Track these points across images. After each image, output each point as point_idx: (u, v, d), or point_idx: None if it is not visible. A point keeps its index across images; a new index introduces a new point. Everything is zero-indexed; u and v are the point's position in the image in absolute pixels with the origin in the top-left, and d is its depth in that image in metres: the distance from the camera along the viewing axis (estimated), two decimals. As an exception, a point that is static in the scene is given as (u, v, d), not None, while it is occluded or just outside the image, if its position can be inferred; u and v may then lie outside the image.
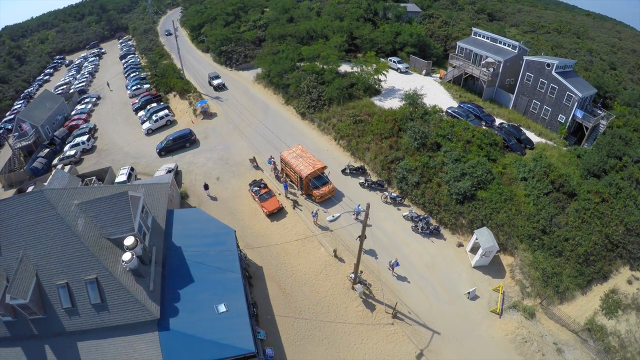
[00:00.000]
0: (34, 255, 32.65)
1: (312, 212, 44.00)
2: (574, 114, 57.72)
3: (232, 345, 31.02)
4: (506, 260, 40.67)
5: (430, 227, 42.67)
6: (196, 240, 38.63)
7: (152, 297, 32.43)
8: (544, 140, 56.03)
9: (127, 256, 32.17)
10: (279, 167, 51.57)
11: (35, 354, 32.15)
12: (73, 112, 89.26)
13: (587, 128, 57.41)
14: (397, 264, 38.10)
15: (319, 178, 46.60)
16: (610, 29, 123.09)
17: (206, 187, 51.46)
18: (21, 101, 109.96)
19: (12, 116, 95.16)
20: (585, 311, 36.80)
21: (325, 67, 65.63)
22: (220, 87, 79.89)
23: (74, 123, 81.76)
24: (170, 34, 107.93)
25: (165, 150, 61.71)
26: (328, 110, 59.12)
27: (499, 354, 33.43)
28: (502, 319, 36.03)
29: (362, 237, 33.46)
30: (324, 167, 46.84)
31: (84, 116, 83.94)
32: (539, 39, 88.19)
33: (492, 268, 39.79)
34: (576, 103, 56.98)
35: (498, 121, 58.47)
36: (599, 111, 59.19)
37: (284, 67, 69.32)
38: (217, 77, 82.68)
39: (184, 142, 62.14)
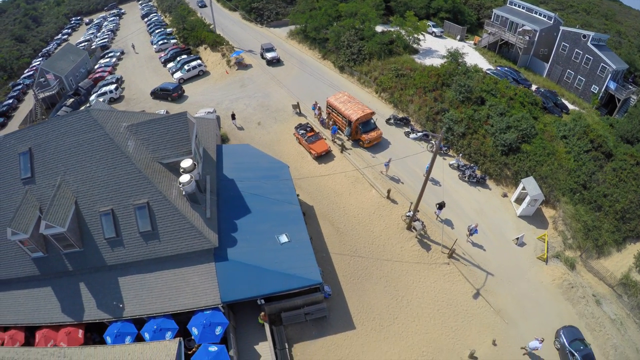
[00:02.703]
0: (74, 181, 29.95)
1: (385, 162, 41.61)
2: (607, 85, 56.94)
3: (299, 276, 29.04)
4: (548, 212, 40.12)
5: (477, 177, 41.95)
6: (249, 173, 36.64)
7: (210, 225, 30.15)
8: (577, 109, 55.23)
9: (185, 178, 29.66)
10: (324, 113, 50.17)
11: (68, 293, 29.74)
12: (96, 66, 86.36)
13: (619, 100, 56.60)
14: (476, 231, 35.70)
15: (367, 123, 45.27)
16: (637, 16, 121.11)
17: (233, 117, 51.09)
18: (39, 59, 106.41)
19: (30, 72, 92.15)
20: (620, 267, 36.23)
21: (364, 24, 63.74)
22: (274, 63, 67.67)
23: (98, 75, 78.93)
24: (205, 6, 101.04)
25: (154, 95, 63.98)
26: (369, 64, 57.53)
27: (548, 297, 33.04)
28: (548, 265, 35.51)
29: (428, 172, 32.50)
30: (373, 113, 45.46)
31: (108, 69, 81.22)
32: (567, 17, 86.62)
33: (536, 219, 39.20)
34: (610, 75, 56.19)
35: (533, 87, 57.54)
36: (629, 86, 58.49)
37: (322, 23, 67.29)
38: (271, 49, 68.94)
39: (169, 94, 62.22)
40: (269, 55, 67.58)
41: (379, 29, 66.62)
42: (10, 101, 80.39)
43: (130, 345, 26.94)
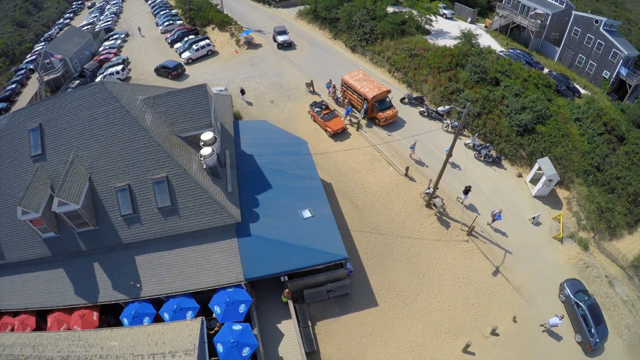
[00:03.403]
0: (88, 156, 28.36)
1: (411, 145, 40.23)
2: (618, 71, 56.14)
3: (325, 251, 27.89)
4: (562, 193, 39.43)
5: (492, 157, 41.12)
6: (267, 149, 35.34)
7: (231, 200, 28.72)
8: (588, 93, 54.25)
9: (206, 150, 28.16)
10: (339, 91, 48.94)
11: (81, 274, 28.30)
12: (101, 49, 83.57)
13: (630, 86, 55.82)
14: (500, 217, 34.36)
15: (383, 102, 44.13)
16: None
17: (242, 92, 50.06)
18: (42, 43, 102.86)
19: (33, 57, 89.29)
20: (631, 249, 35.87)
21: (375, 3, 62.21)
22: (285, 46, 64.09)
23: (103, 57, 76.40)
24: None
25: (157, 72, 63.49)
26: (381, 44, 56.12)
27: (564, 276, 32.41)
28: (563, 245, 34.97)
29: (450, 151, 31.60)
30: (388, 91, 44.25)
31: (114, 51, 78.77)
32: (577, 3, 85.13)
33: (550, 199, 38.56)
34: (621, 60, 55.47)
35: (545, 70, 56.47)
36: (640, 72, 57.78)
37: (332, 2, 65.70)
38: (284, 32, 64.93)
39: (169, 72, 61.49)
40: (280, 38, 63.97)
41: (390, 9, 64.98)
42: (14, 86, 78.14)
43: (149, 326, 25.74)
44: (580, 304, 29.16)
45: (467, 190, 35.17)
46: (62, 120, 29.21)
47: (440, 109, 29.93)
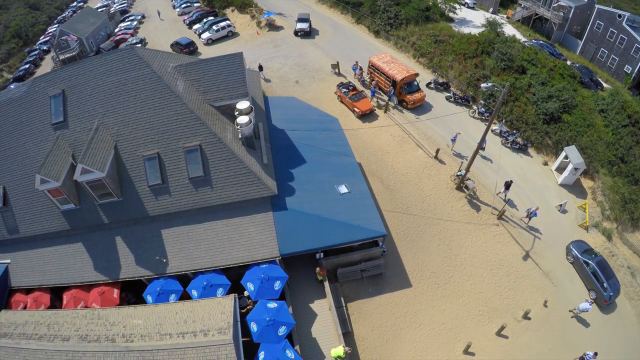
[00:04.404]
0: (114, 123, 26.12)
1: (452, 137, 37.83)
2: (640, 66, 54.12)
3: (363, 227, 25.96)
4: (586, 183, 37.86)
5: (519, 144, 39.43)
6: (299, 124, 33.41)
7: (267, 171, 26.53)
8: (610, 87, 52.43)
9: (243, 119, 26.14)
10: (365, 73, 47.03)
11: (102, 249, 26.08)
12: (117, 30, 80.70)
13: (651, 81, 54.10)
14: (536, 214, 32.06)
15: (411, 84, 42.26)
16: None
17: (261, 68, 47.91)
18: (55, 26, 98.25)
19: (46, 39, 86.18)
20: None
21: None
22: (301, 34, 59.52)
23: (120, 37, 73.42)
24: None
25: (172, 48, 62.19)
26: (405, 29, 53.98)
27: (592, 263, 30.89)
28: (589, 234, 33.49)
29: (481, 141, 30.12)
30: (416, 74, 42.44)
31: (130, 31, 75.80)
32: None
33: (575, 188, 36.99)
34: (644, 56, 53.38)
35: (568, 62, 54.48)
36: (662, 68, 55.93)
37: (356, -13, 63.02)
38: (304, 19, 59.80)
39: (181, 49, 60.26)
40: (297, 25, 59.48)
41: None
42: (27, 66, 74.89)
43: (177, 304, 23.61)
44: (589, 261, 29.22)
45: (508, 185, 33.44)
46: (87, 86, 26.94)
47: (483, 85, 28.20)
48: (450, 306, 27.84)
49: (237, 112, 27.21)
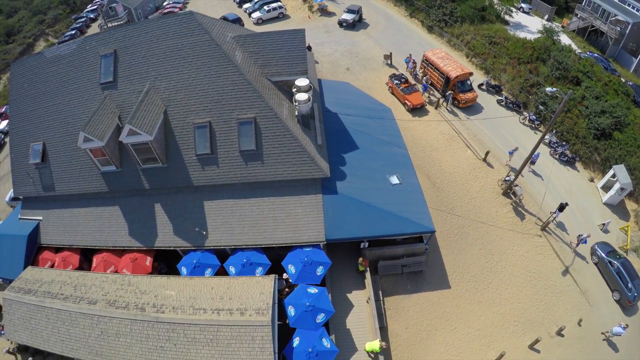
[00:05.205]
0: (166, 88, 24.70)
1: (510, 150, 35.03)
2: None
3: (412, 221, 24.19)
4: (631, 205, 35.18)
5: (568, 156, 37.08)
6: (352, 110, 31.59)
7: (320, 153, 24.83)
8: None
9: (302, 96, 24.46)
10: (418, 67, 44.83)
11: (139, 215, 24.86)
12: (165, 3, 78.84)
13: None
14: (585, 242, 29.95)
15: (464, 83, 40.00)
16: None
17: (309, 48, 45.50)
18: None
19: (94, 7, 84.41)
20: None
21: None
22: (345, 25, 56.09)
23: (168, 11, 71.50)
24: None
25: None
26: (460, 27, 51.34)
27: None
28: (628, 257, 30.90)
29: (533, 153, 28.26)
30: (471, 73, 40.12)
31: (179, 5, 73.80)
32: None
33: (619, 209, 34.42)
34: (700, 81, 49.56)
35: (622, 79, 51.15)
36: None
37: (412, -21, 60.08)
38: (352, 11, 56.26)
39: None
40: (343, 15, 56.21)
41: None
42: (73, 32, 73.31)
43: (213, 278, 22.54)
44: (614, 261, 28.39)
45: (562, 207, 30.92)
46: (140, 47, 25.63)
47: (548, 89, 26.22)
48: (486, 312, 26.34)
49: (294, 89, 25.67)
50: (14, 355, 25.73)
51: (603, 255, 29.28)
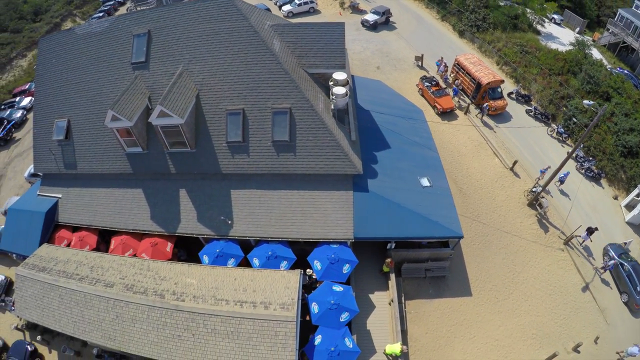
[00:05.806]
0: (199, 72, 23.64)
1: (542, 169, 32.93)
2: None
3: (441, 225, 23.24)
4: None
5: (594, 172, 35.83)
6: (384, 108, 30.51)
7: (354, 149, 23.82)
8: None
9: (340, 90, 23.36)
10: (450, 71, 43.58)
11: (162, 199, 23.85)
12: None
13: None
14: (612, 268, 28.72)
15: (495, 90, 38.75)
16: None
17: None
18: None
19: None
20: None
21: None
22: (367, 26, 54.33)
23: None
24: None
25: None
26: (492, 33, 49.81)
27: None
28: None
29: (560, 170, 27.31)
30: (502, 81, 38.86)
31: None
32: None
33: None
34: None
35: (649, 97, 49.51)
36: None
37: (447, -17, 58.35)
38: (378, 12, 54.28)
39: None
40: (366, 15, 54.67)
41: (501, 2, 58.01)
42: (101, 14, 71.28)
43: (236, 269, 21.52)
44: (625, 263, 27.84)
45: (591, 231, 29.58)
46: (175, 29, 24.64)
47: (585, 102, 25.15)
48: (505, 323, 25.48)
49: (332, 83, 24.63)
50: (22, 332, 25.14)
51: (615, 256, 28.69)
